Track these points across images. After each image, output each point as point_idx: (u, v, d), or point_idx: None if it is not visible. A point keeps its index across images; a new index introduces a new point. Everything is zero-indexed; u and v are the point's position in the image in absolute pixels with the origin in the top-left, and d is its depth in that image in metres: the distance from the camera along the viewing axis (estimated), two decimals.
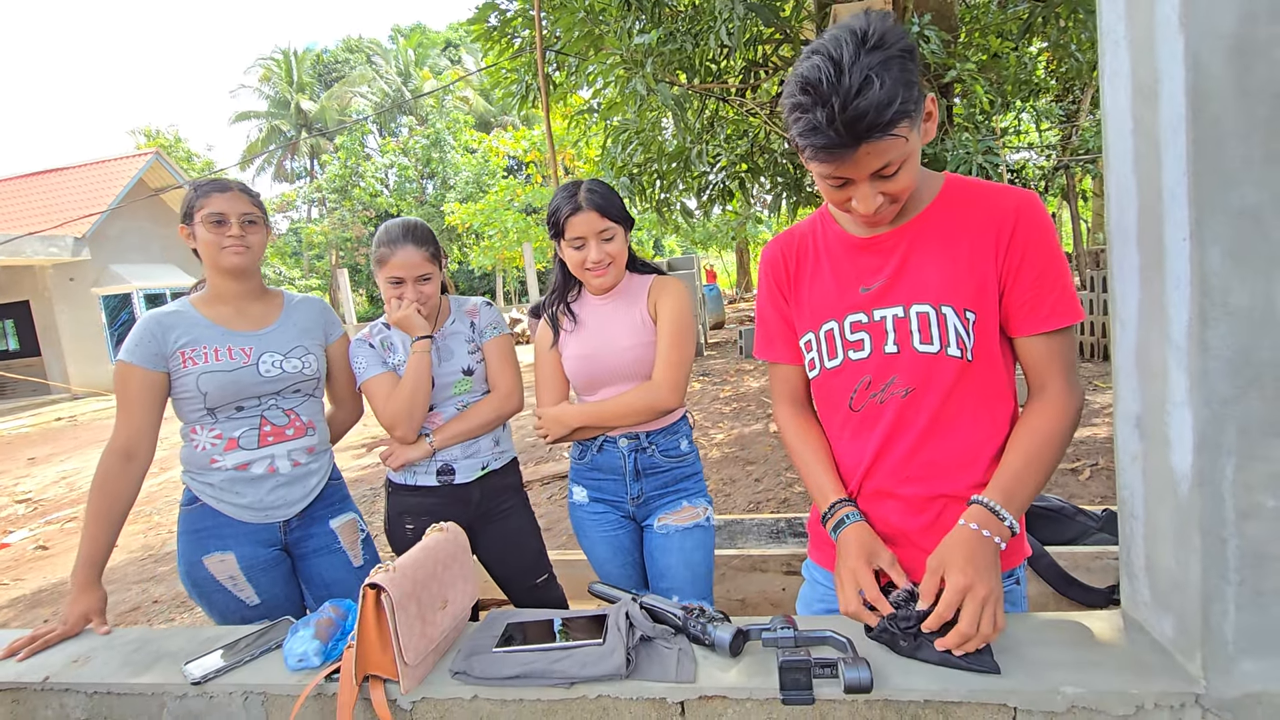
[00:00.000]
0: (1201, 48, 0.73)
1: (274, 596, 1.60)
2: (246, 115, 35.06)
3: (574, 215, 1.56)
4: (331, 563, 1.68)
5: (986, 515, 0.95)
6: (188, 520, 1.58)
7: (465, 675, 1.03)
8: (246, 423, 1.58)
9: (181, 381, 1.53)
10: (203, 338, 1.55)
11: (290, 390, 1.62)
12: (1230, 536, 0.78)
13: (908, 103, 0.85)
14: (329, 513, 1.70)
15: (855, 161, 0.89)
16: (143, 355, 1.51)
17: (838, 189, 0.95)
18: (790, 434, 1.22)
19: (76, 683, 1.20)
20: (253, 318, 1.64)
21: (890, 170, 0.91)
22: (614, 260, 1.61)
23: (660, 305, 1.63)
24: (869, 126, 0.84)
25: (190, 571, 1.56)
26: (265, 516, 1.59)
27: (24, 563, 4.58)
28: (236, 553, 1.56)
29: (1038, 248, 0.98)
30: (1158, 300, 0.83)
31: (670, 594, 1.63)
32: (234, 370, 1.54)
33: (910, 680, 0.89)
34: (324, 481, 1.70)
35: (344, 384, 1.80)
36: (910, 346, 1.03)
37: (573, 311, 1.70)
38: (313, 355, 1.66)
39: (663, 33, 4.74)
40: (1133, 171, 0.85)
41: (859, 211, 0.96)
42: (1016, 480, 0.97)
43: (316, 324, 1.72)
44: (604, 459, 1.68)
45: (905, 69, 0.85)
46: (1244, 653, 0.80)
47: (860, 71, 0.82)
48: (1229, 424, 0.76)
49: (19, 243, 13.34)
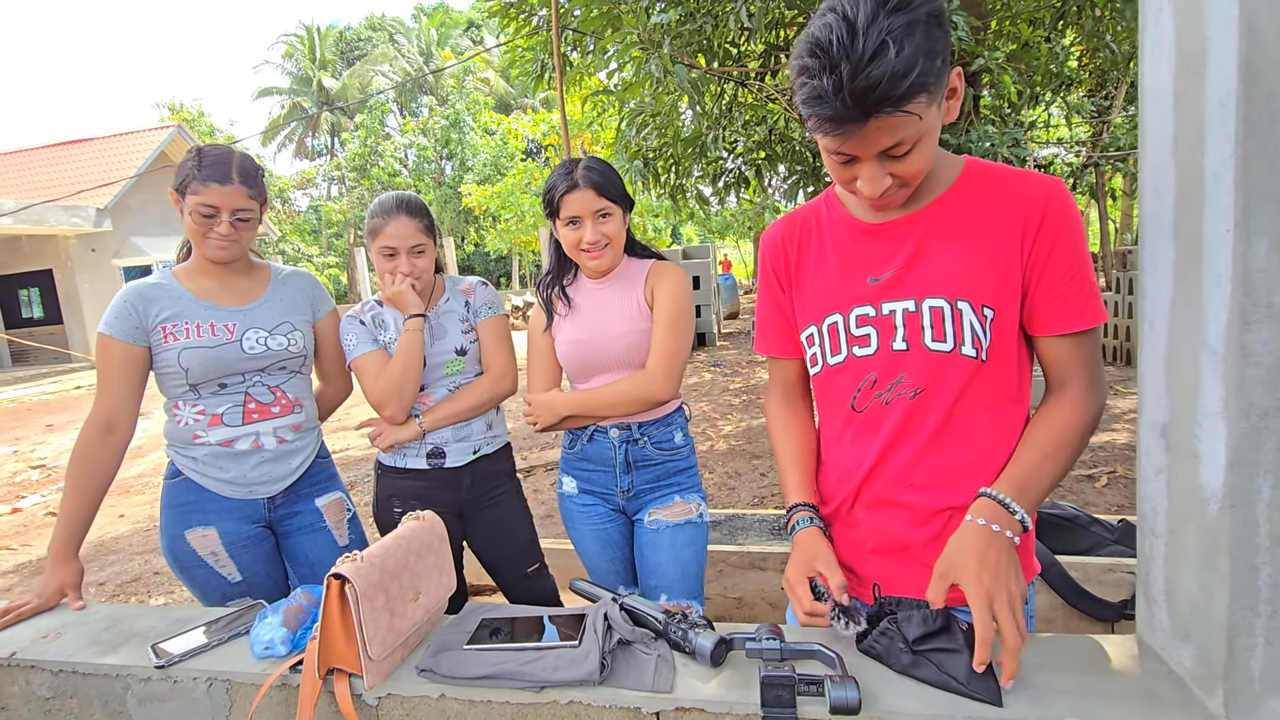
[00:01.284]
0: (1258, 10, 0.64)
1: (256, 574, 1.56)
2: (269, 91, 35.17)
3: (569, 193, 1.50)
4: (316, 541, 1.65)
5: (996, 509, 0.87)
6: (170, 494, 1.55)
7: (431, 673, 0.98)
8: (230, 399, 1.53)
9: (163, 357, 1.49)
10: (185, 312, 1.50)
11: (275, 367, 1.57)
12: (1263, 564, 0.71)
13: (928, 75, 0.75)
14: (315, 491, 1.67)
15: (862, 137, 0.80)
16: (123, 328, 1.46)
17: (842, 165, 0.87)
18: (774, 426, 1.17)
19: (43, 660, 1.17)
20: (238, 292, 1.58)
21: (901, 150, 0.82)
22: (611, 242, 1.54)
23: (658, 291, 1.55)
24: (880, 99, 0.75)
25: (172, 545, 1.53)
26: (249, 493, 1.56)
27: (33, 528, 4.63)
28: (219, 528, 1.53)
29: (1068, 241, 0.89)
30: (1194, 299, 0.75)
31: (658, 592, 1.57)
32: (217, 347, 1.50)
33: (901, 702, 0.83)
34: (310, 459, 1.66)
35: (333, 361, 1.75)
36: (921, 344, 0.94)
37: (567, 295, 1.63)
38: (299, 332, 1.61)
39: (682, 13, 4.62)
40: (1171, 154, 0.77)
41: (863, 193, 0.88)
42: (1030, 475, 0.89)
43: (304, 299, 1.67)
44: (594, 449, 1.61)
45: (930, 36, 0.75)
46: (1271, 691, 0.72)
47: (877, 34, 0.73)
48: (1268, 439, 0.68)
49: (43, 211, 13.49)
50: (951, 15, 4.33)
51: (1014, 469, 0.91)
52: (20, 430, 8.48)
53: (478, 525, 1.78)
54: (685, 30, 4.63)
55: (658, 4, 4.68)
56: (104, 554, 4.03)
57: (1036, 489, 0.89)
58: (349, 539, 1.72)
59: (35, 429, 8.50)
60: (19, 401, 11.01)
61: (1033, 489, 0.89)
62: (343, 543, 1.69)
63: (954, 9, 4.35)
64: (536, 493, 4.43)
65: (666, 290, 1.55)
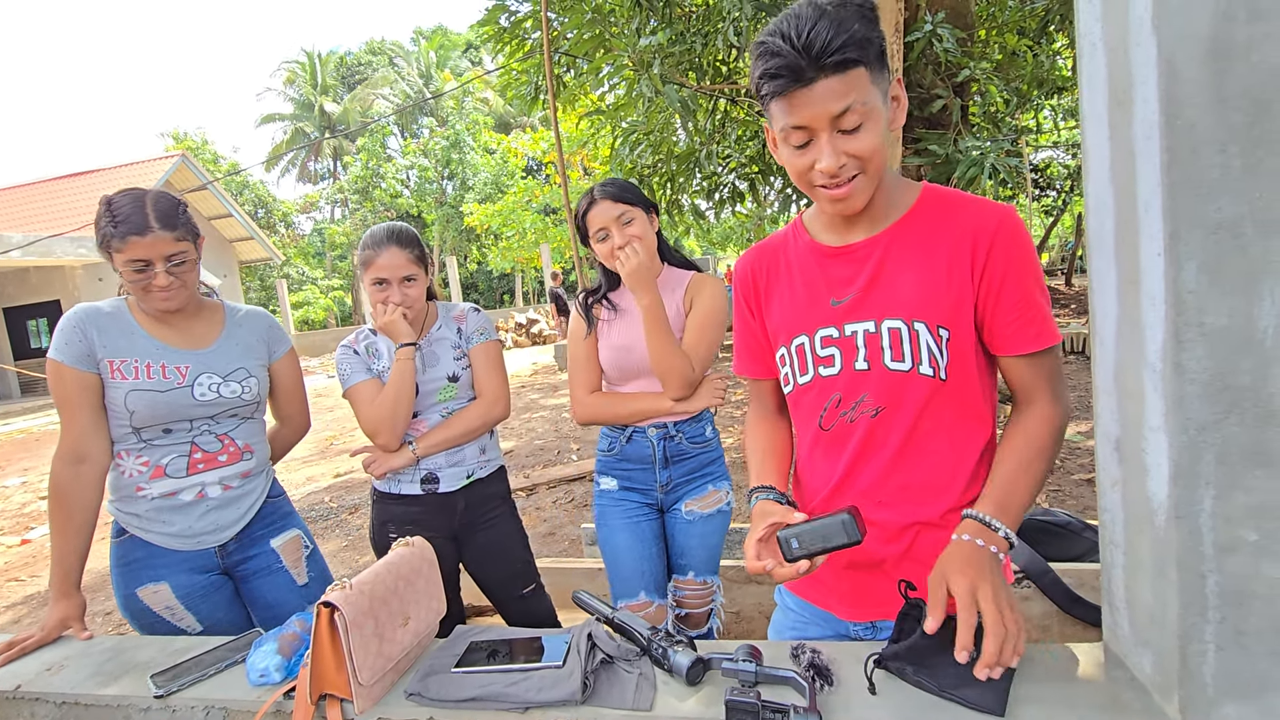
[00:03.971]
0: (1175, 50, 0.68)
1: (217, 621, 1.52)
2: (271, 118, 35.60)
3: (590, 210, 1.65)
4: (274, 583, 1.61)
5: (979, 528, 0.91)
6: (118, 553, 1.50)
7: (420, 696, 1.01)
8: (175, 449, 1.48)
9: (109, 394, 1.43)
10: (135, 348, 1.45)
11: (226, 415, 1.53)
12: (1209, 572, 0.73)
13: (865, 44, 0.85)
14: (269, 532, 1.62)
15: (811, 99, 0.87)
16: (73, 355, 1.41)
17: (800, 151, 0.92)
18: (749, 435, 1.21)
19: (47, 692, 1.20)
20: (192, 335, 1.52)
21: (851, 122, 0.87)
22: (641, 243, 1.64)
23: (696, 300, 1.70)
24: (823, 49, 0.84)
25: (127, 604, 1.49)
26: (197, 543, 1.51)
27: (42, 559, 4.67)
28: (171, 582, 1.48)
29: (1019, 267, 0.94)
30: (1134, 318, 0.78)
31: (686, 570, 1.76)
32: (167, 391, 1.44)
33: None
34: (259, 501, 1.61)
35: (291, 400, 1.73)
36: (881, 364, 0.98)
37: (613, 302, 1.76)
38: (254, 379, 1.57)
39: (672, 33, 4.70)
40: (1110, 182, 0.80)
41: (822, 170, 0.91)
42: (1009, 491, 0.93)
43: (260, 342, 1.63)
44: (633, 449, 1.74)
45: (864, 18, 0.86)
46: (1224, 695, 0.75)
47: (815, 9, 0.85)
48: (1206, 452, 0.71)
49: (50, 244, 13.67)
50: (938, 28, 4.40)
51: (993, 488, 0.94)
52: (29, 461, 8.56)
53: (473, 548, 1.81)
54: (676, 50, 4.71)
55: (648, 25, 4.76)
56: (106, 583, 4.06)
57: (1017, 504, 0.92)
58: (309, 577, 1.67)
59: (44, 459, 8.57)
60: (28, 432, 11.10)
61: (1013, 505, 0.92)
62: (301, 581, 1.65)
63: (939, 21, 4.41)
64: (539, 510, 4.45)
65: (704, 299, 1.70)
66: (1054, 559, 2.08)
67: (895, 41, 4.03)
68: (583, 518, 4.17)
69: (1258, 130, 0.66)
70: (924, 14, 4.47)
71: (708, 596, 1.77)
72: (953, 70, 4.70)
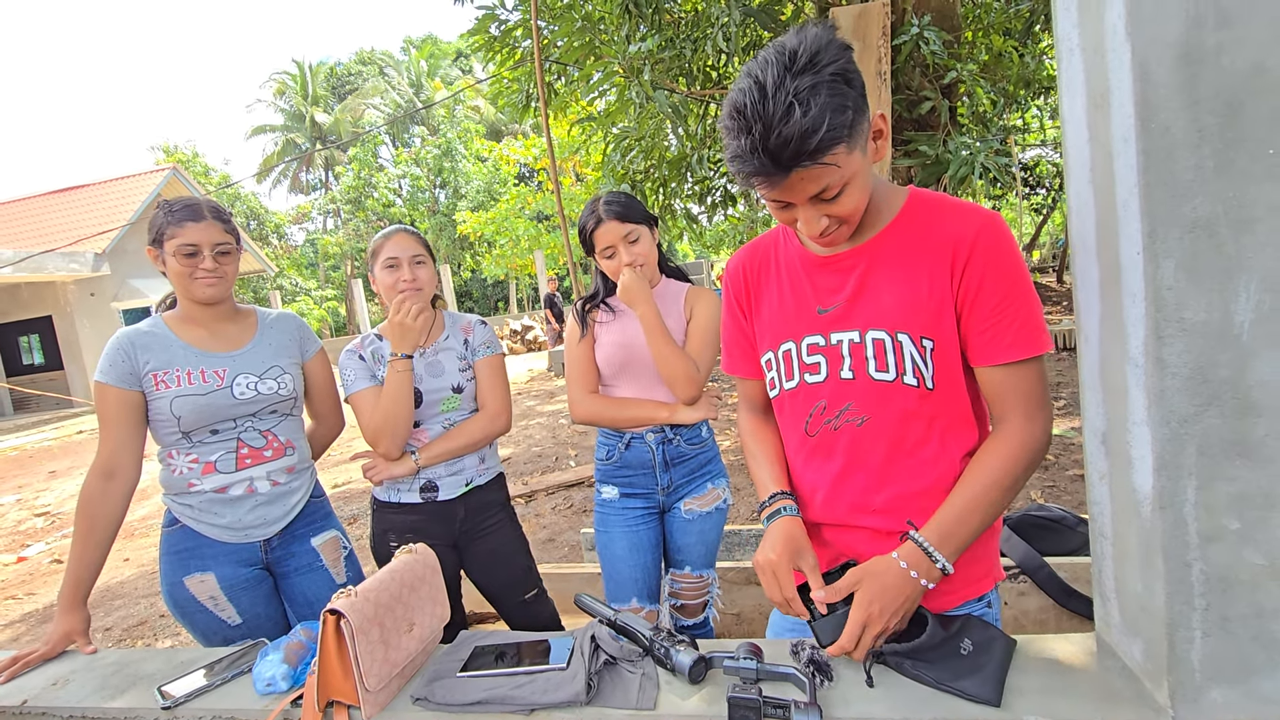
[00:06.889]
0: (1149, 56, 0.70)
1: (256, 616, 1.59)
2: (262, 129, 35.56)
3: (597, 229, 1.70)
4: (313, 581, 1.67)
5: (919, 555, 0.92)
6: (169, 542, 1.58)
7: (426, 701, 1.02)
8: (223, 446, 1.56)
9: (155, 405, 1.52)
10: (175, 359, 1.54)
11: (266, 411, 1.61)
12: (1194, 560, 0.75)
13: (839, 128, 0.80)
14: (310, 530, 1.70)
15: (788, 187, 0.86)
16: (117, 375, 1.50)
17: (782, 210, 0.93)
18: (746, 434, 1.22)
19: (53, 706, 1.21)
20: (227, 338, 1.62)
21: (830, 194, 0.87)
22: (645, 261, 1.71)
23: (696, 309, 1.77)
24: (794, 154, 0.80)
25: (172, 592, 1.56)
26: (245, 536, 1.59)
27: (39, 576, 4.65)
28: (217, 573, 1.55)
29: (997, 274, 0.91)
30: (1116, 315, 0.80)
31: (684, 565, 1.81)
32: (208, 394, 1.53)
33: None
34: (305, 499, 1.69)
35: (324, 399, 1.80)
36: (866, 373, 0.99)
37: (610, 306, 1.80)
38: (289, 375, 1.65)
39: (661, 40, 4.74)
40: (1090, 183, 0.83)
41: (805, 234, 0.94)
42: (958, 521, 0.93)
43: (292, 341, 1.71)
44: (633, 455, 1.77)
45: (837, 92, 0.80)
46: (1212, 680, 0.77)
47: (785, 97, 0.78)
48: (1189, 444, 0.73)
49: (41, 259, 13.63)
50: (925, 30, 4.45)
51: (942, 515, 0.94)
52: (24, 478, 8.51)
53: (474, 556, 1.82)
54: (665, 56, 4.75)
55: (637, 32, 4.80)
56: (110, 598, 4.05)
57: (962, 534, 0.93)
58: (346, 576, 1.74)
59: (39, 476, 8.53)
60: (21, 449, 11.04)
61: (959, 534, 0.93)
62: (340, 580, 1.72)
63: (925, 24, 4.46)
64: (539, 517, 4.46)
65: (703, 310, 1.78)
66: (1049, 554, 2.10)
67: (882, 45, 4.08)
68: (582, 523, 4.18)
69: (1230, 132, 0.69)
70: (910, 17, 4.52)
71: (704, 589, 1.83)
72: (940, 72, 4.75)
